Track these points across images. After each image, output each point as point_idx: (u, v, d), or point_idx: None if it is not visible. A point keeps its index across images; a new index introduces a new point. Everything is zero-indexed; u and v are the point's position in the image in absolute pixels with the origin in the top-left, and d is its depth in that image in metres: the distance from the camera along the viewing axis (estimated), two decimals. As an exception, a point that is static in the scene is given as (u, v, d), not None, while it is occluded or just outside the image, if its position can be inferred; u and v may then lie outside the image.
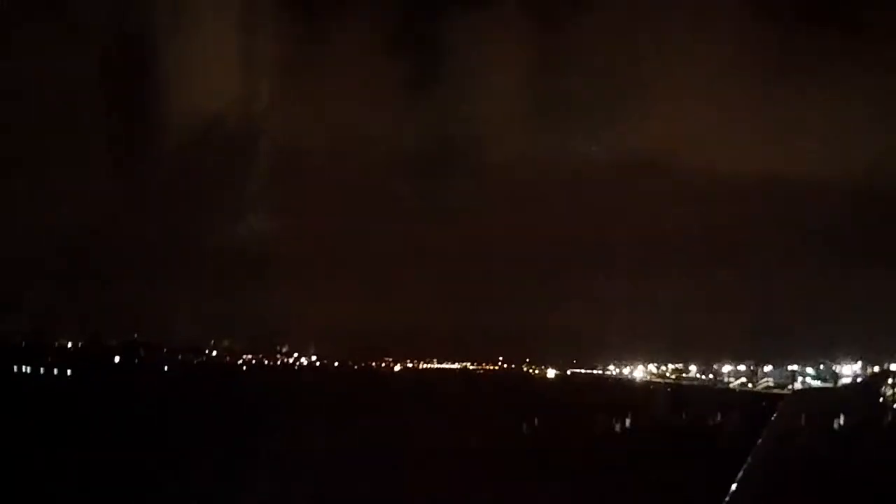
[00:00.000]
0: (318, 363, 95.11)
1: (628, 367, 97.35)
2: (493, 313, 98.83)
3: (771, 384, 67.97)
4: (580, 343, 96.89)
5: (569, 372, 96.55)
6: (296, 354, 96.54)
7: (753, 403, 50.06)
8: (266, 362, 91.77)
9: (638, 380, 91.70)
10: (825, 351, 66.29)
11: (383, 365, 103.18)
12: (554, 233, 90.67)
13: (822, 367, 67.58)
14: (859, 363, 65.05)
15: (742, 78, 77.12)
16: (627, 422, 41.22)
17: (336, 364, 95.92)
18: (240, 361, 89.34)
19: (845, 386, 54.68)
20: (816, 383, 65.29)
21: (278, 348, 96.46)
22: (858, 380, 59.62)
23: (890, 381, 37.31)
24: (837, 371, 65.87)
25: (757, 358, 74.46)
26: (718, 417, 43.39)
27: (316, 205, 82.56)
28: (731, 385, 72.63)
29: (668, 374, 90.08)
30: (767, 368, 73.31)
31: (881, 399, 31.58)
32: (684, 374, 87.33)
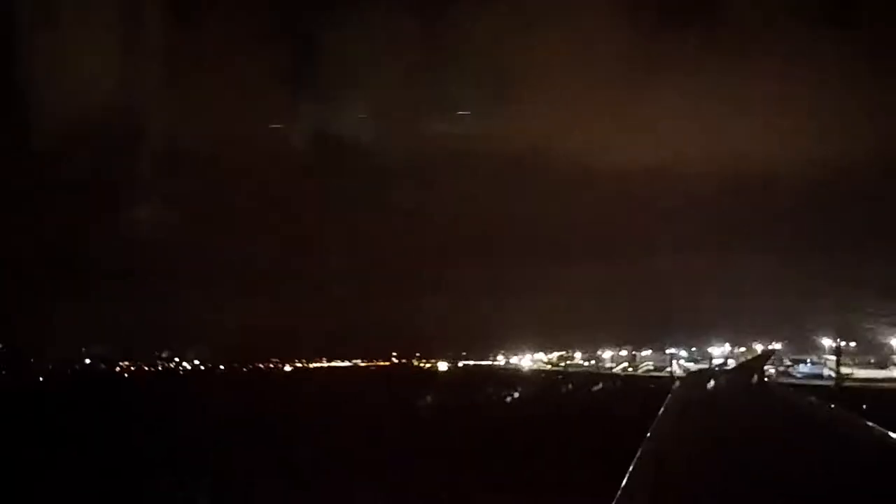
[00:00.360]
0: (201, 367, 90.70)
1: (516, 357, 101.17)
2: (379, 308, 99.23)
3: (651, 367, 72.93)
4: (467, 335, 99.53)
5: (460, 364, 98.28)
6: (176, 359, 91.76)
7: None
8: (146, 369, 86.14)
9: (526, 368, 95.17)
10: (697, 334, 72.21)
11: (271, 366, 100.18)
12: (438, 226, 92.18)
13: (693, 349, 73.51)
14: (727, 345, 71.54)
15: (618, 73, 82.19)
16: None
17: (222, 368, 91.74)
18: (117, 369, 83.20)
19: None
20: (690, 365, 70.59)
21: (157, 353, 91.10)
22: (730, 361, 65.45)
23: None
24: (709, 352, 71.78)
25: (635, 343, 79.81)
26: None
27: (191, 205, 78.18)
28: (613, 370, 77.04)
29: (554, 362, 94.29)
30: (646, 353, 78.55)
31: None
32: (569, 361, 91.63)
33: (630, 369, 77.72)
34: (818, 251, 60.64)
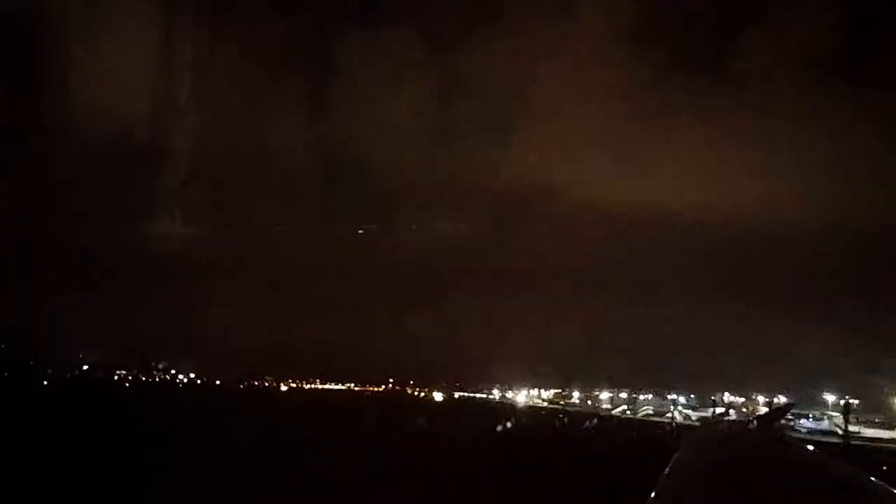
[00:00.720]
0: (198, 381, 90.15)
1: (511, 392, 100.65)
2: (376, 335, 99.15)
3: (650, 411, 72.72)
4: (462, 367, 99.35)
5: (456, 395, 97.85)
6: (173, 371, 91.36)
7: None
8: (143, 378, 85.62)
9: (521, 403, 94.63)
10: (696, 381, 72.25)
11: (266, 385, 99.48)
12: (441, 258, 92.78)
13: (692, 396, 73.47)
14: (727, 393, 71.48)
15: (623, 114, 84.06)
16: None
17: (218, 383, 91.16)
18: (116, 377, 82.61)
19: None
20: (688, 412, 70.44)
21: (154, 364, 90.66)
22: (731, 410, 65.28)
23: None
24: (711, 399, 71.47)
25: (633, 386, 79.74)
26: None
27: (198, 220, 78.75)
28: (613, 412, 76.79)
29: (550, 399, 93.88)
30: (646, 396, 78.42)
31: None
32: (565, 401, 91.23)
33: (629, 412, 77.50)
34: (825, 306, 61.45)
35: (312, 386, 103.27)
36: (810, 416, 52.46)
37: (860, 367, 49.17)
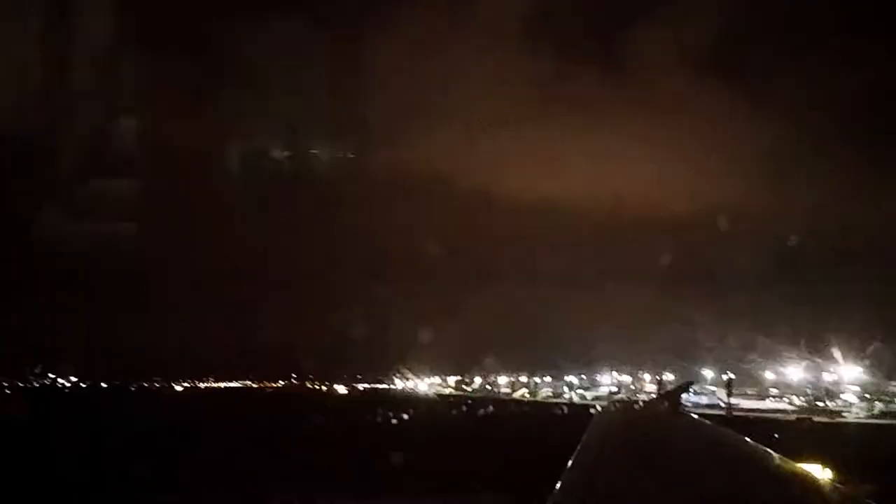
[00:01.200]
0: (81, 384, 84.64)
1: (412, 381, 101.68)
2: (269, 329, 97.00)
3: (550, 393, 76.03)
4: (363, 356, 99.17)
5: (361, 387, 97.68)
6: (51, 376, 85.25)
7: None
8: (20, 385, 78.99)
9: (422, 392, 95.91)
10: (585, 363, 75.71)
11: (156, 385, 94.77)
12: (340, 247, 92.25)
13: (583, 377, 77.30)
14: (614, 372, 75.72)
15: (514, 107, 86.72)
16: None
17: (104, 385, 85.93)
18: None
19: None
20: (583, 392, 74.21)
21: (28, 369, 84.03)
22: (616, 389, 69.38)
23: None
24: (598, 380, 75.62)
25: (531, 369, 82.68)
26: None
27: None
28: (514, 395, 79.55)
29: (453, 386, 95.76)
30: (546, 379, 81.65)
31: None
32: (465, 387, 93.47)
33: (528, 395, 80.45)
34: (699, 286, 66.12)
35: (209, 385, 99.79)
36: (691, 390, 57.02)
37: (734, 345, 53.82)
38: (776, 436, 22.95)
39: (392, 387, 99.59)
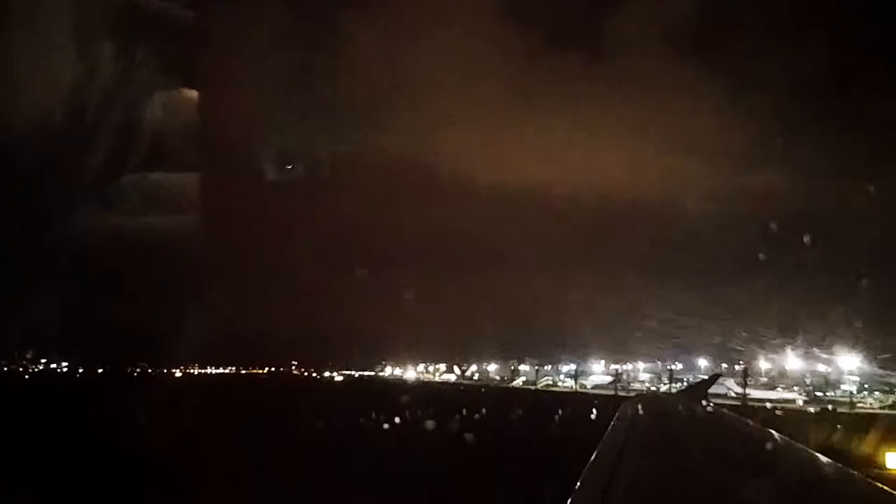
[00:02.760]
0: (80, 371, 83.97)
1: (399, 368, 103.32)
2: (264, 316, 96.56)
3: (549, 382, 78.18)
4: (351, 346, 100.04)
5: (356, 374, 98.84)
6: (43, 361, 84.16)
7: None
8: (5, 369, 77.71)
9: (411, 379, 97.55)
10: (578, 352, 77.49)
11: (142, 371, 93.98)
12: (325, 236, 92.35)
13: (577, 366, 79.40)
14: (602, 362, 78.26)
15: (494, 91, 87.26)
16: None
17: (101, 371, 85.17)
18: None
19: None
20: (569, 381, 76.27)
21: (17, 354, 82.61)
22: (608, 378, 72.24)
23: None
24: (586, 369, 77.58)
25: (518, 357, 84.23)
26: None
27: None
28: (512, 384, 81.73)
29: (436, 374, 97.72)
30: (524, 368, 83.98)
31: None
32: (460, 375, 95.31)
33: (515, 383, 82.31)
34: (704, 275, 67.37)
35: (200, 371, 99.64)
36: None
37: (728, 334, 54.99)
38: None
39: (380, 374, 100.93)
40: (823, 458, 4.07)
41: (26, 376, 74.32)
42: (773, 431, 5.39)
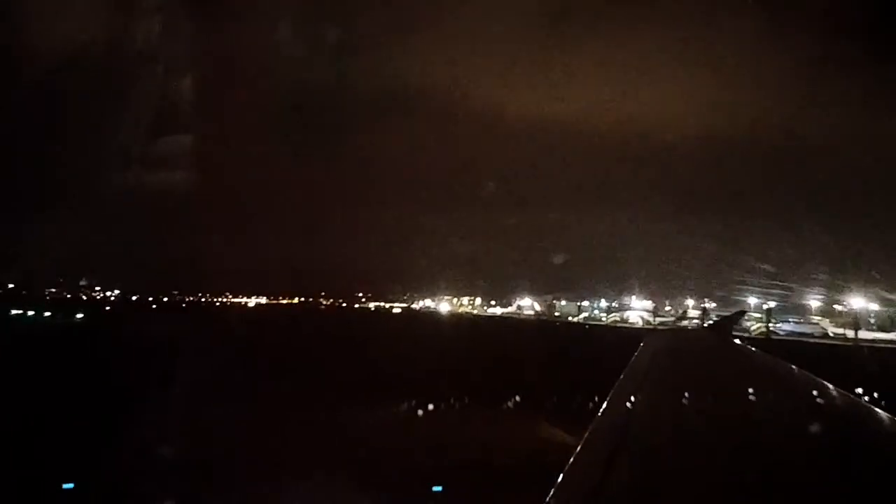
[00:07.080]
0: (128, 298, 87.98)
1: (432, 301, 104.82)
2: (286, 249, 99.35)
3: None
4: (384, 278, 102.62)
5: (416, 305, 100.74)
6: (98, 288, 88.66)
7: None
8: (68, 296, 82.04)
9: (444, 311, 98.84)
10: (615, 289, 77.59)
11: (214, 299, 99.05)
12: (360, 174, 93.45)
13: (615, 303, 79.11)
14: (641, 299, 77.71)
15: (533, 26, 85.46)
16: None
17: (150, 298, 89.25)
18: (47, 296, 78.52)
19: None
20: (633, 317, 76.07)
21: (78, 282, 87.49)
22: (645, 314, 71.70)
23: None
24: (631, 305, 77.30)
25: (553, 293, 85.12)
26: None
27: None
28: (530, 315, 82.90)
29: (469, 306, 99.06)
30: (563, 303, 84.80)
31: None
32: (486, 308, 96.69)
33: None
34: (743, 217, 66.73)
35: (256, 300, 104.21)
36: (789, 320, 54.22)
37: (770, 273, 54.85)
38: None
39: (412, 306, 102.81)
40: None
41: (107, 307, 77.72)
42: (789, 364, 5.30)
